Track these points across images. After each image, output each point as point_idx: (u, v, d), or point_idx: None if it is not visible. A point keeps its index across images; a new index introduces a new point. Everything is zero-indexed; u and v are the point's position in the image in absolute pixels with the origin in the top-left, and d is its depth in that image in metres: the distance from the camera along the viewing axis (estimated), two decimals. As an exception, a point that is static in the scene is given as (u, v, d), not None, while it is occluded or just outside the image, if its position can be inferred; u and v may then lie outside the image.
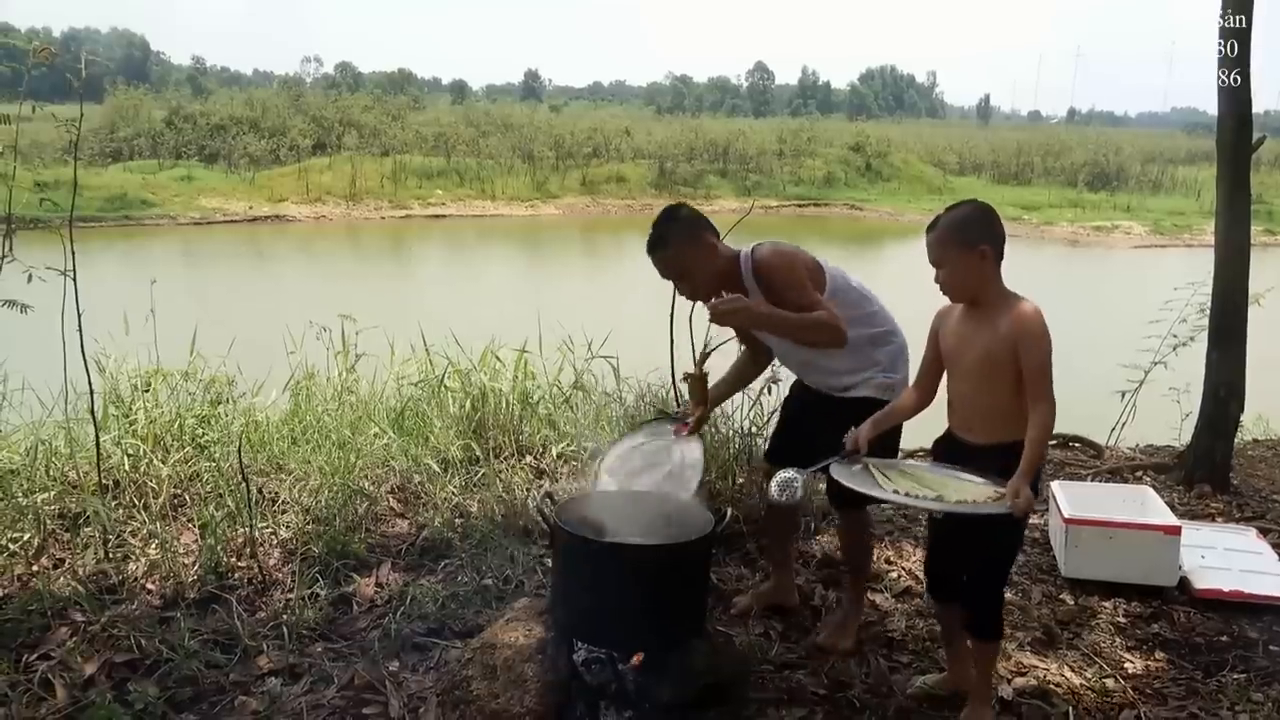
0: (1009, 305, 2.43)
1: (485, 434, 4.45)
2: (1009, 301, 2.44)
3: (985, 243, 2.43)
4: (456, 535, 3.62)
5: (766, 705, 2.70)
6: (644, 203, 29.32)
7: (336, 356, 4.92)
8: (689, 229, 2.90)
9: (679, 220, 2.91)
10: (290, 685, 2.71)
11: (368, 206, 26.31)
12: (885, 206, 29.99)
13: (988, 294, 2.47)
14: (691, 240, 2.89)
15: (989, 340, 2.44)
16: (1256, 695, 2.83)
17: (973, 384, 2.51)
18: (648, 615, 2.52)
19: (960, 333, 2.54)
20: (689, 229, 2.90)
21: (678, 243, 2.88)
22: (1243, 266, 4.58)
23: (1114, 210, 27.84)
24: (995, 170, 36.12)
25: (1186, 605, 3.40)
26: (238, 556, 3.38)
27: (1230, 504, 4.49)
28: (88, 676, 2.67)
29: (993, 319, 2.44)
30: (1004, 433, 2.44)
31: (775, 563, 3.34)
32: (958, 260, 2.45)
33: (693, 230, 2.90)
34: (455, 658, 2.70)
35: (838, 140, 35.83)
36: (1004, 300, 2.45)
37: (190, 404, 4.31)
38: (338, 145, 29.70)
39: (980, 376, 2.48)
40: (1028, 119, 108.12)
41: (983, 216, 2.48)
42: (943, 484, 2.47)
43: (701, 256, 2.90)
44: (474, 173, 29.02)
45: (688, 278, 2.93)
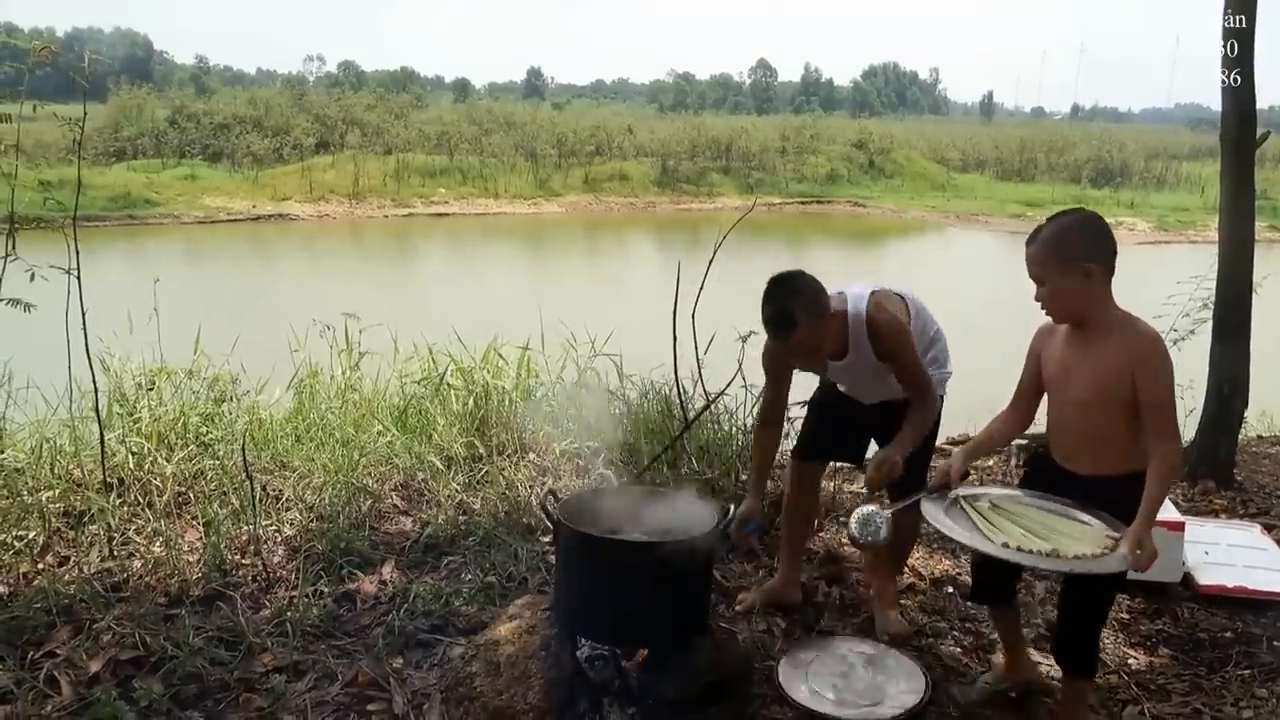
0: (1123, 328, 2.23)
1: (488, 431, 4.46)
2: (1123, 323, 2.24)
3: (1092, 260, 2.21)
4: (460, 532, 3.63)
5: (770, 701, 2.70)
6: (647, 200, 29.33)
7: (340, 355, 4.92)
8: (814, 304, 2.67)
9: (801, 294, 2.66)
10: (294, 682, 2.71)
11: (371, 205, 26.33)
12: (888, 203, 29.96)
13: (1095, 315, 2.26)
14: (819, 317, 2.68)
15: (1099, 367, 2.24)
16: (1261, 691, 2.83)
17: (1079, 413, 2.32)
18: (651, 612, 2.52)
19: (1065, 357, 2.34)
20: (814, 304, 2.67)
21: (806, 322, 2.64)
22: (1247, 262, 4.57)
23: (1117, 207, 27.78)
24: (998, 167, 36.06)
25: (1190, 601, 3.40)
26: (242, 554, 3.39)
27: (1234, 500, 4.48)
28: (93, 674, 2.67)
29: (1103, 343, 2.24)
30: (1113, 465, 2.27)
31: (785, 558, 3.34)
32: (1060, 280, 2.23)
33: (818, 304, 2.68)
34: (459, 655, 2.71)
35: (840, 137, 35.80)
36: (1116, 322, 2.24)
37: (194, 402, 4.32)
38: (341, 144, 29.72)
39: (1088, 406, 2.28)
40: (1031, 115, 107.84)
41: (1089, 229, 2.25)
42: (1049, 526, 2.28)
43: (827, 331, 2.73)
44: (477, 171, 29.03)
45: (812, 355, 2.78)
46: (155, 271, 5.04)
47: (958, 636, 3.15)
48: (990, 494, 2.52)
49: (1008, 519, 2.35)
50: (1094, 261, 2.22)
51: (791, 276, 2.71)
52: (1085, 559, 2.15)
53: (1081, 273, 2.22)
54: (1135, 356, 2.20)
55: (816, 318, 2.67)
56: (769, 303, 2.67)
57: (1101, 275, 2.23)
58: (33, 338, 3.72)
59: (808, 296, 2.67)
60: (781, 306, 2.64)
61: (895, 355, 2.82)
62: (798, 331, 2.64)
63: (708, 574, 2.75)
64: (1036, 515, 2.36)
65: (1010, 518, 2.36)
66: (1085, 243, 2.24)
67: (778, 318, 2.64)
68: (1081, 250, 2.23)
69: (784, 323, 2.64)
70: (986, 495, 2.50)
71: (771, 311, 2.66)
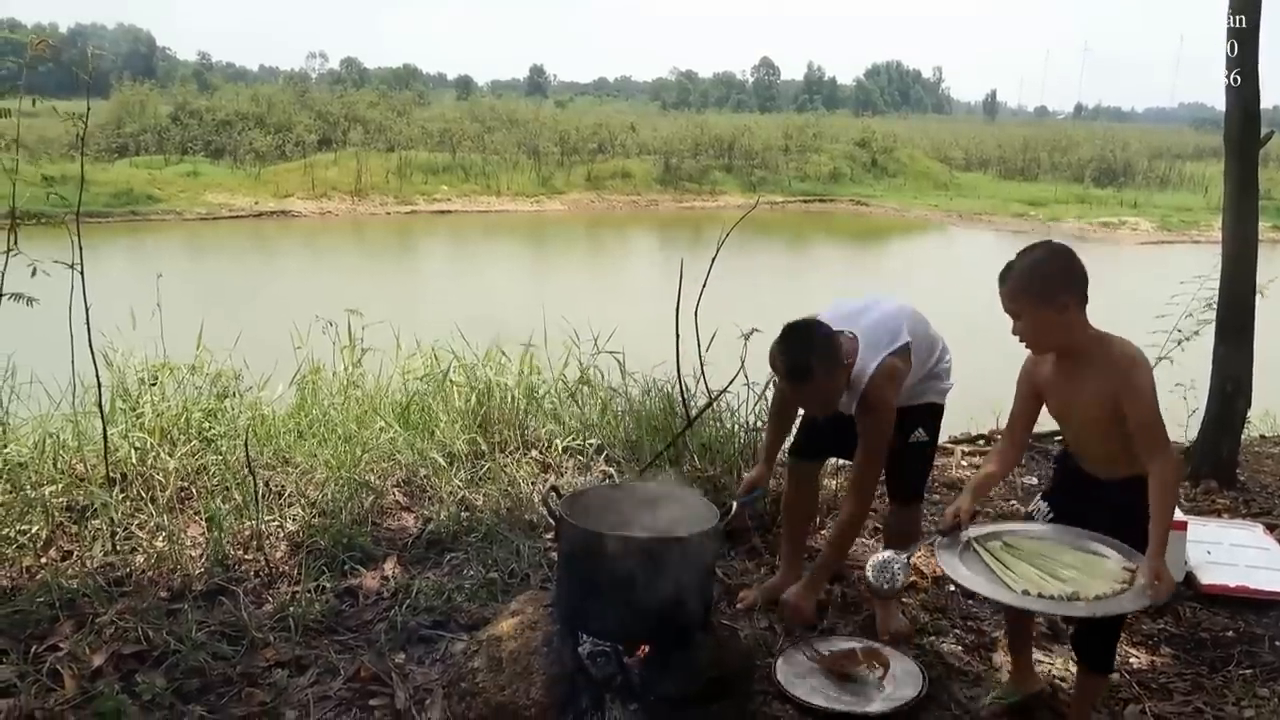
0: (1102, 351, 2.28)
1: (491, 428, 4.46)
2: (1101, 346, 2.29)
3: (1067, 293, 2.25)
4: (462, 529, 3.63)
5: (771, 698, 2.70)
6: (649, 198, 29.31)
7: (342, 351, 4.93)
8: (831, 356, 2.72)
9: (819, 349, 2.70)
10: (297, 677, 2.72)
11: (373, 202, 26.34)
12: (891, 202, 29.93)
13: (1074, 343, 2.31)
14: (834, 369, 2.73)
15: (1092, 393, 2.29)
16: (1262, 690, 2.83)
17: (1088, 434, 2.39)
18: (653, 609, 2.52)
19: (1059, 386, 2.39)
20: (831, 356, 2.72)
21: (823, 374, 2.70)
22: (1250, 262, 4.56)
23: (1121, 206, 27.75)
24: (1001, 166, 36.00)
25: (1192, 601, 3.39)
26: (244, 549, 3.39)
27: (1237, 500, 4.48)
28: (96, 667, 2.68)
29: (1088, 368, 2.29)
30: (1129, 469, 2.30)
31: (786, 556, 3.35)
32: (1036, 315, 2.27)
33: (834, 356, 2.73)
34: (461, 650, 2.71)
35: (843, 136, 35.76)
36: (1095, 345, 2.29)
37: (197, 398, 4.32)
38: (343, 141, 29.71)
39: (1094, 426, 2.34)
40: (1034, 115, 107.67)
41: (1060, 262, 2.29)
42: (1066, 564, 2.27)
43: (839, 383, 2.78)
44: (479, 169, 29.02)
45: (824, 404, 2.83)
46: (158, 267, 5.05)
47: (959, 634, 3.15)
48: (1002, 531, 2.49)
49: (1023, 559, 2.32)
50: (1069, 294, 2.26)
51: (809, 327, 2.75)
52: (1106, 599, 2.15)
53: (1058, 306, 2.26)
54: (1117, 381, 2.24)
55: (832, 370, 2.73)
56: (785, 354, 2.71)
57: (1076, 305, 2.27)
58: (36, 333, 3.73)
59: (825, 349, 2.71)
60: (798, 359, 2.69)
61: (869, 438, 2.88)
62: (813, 382, 2.71)
63: (710, 571, 2.75)
64: (1052, 551, 2.34)
65: (1025, 558, 2.32)
66: (1058, 276, 2.28)
67: (794, 369, 2.70)
68: (1056, 284, 2.27)
69: (797, 373, 2.71)
70: (998, 534, 2.47)
71: (788, 363, 2.71)
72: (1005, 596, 2.20)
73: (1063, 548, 2.35)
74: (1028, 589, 2.19)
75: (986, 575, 2.28)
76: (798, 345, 2.71)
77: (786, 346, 2.71)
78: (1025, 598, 2.17)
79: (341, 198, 26.24)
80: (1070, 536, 2.39)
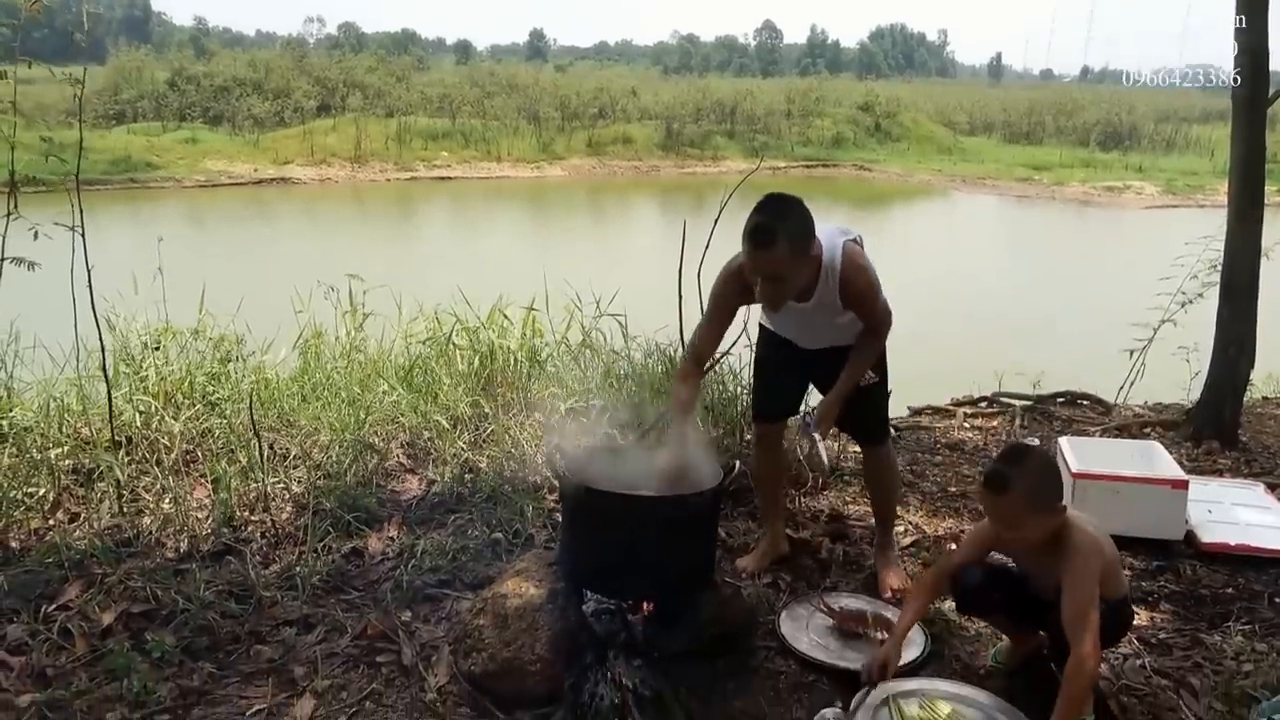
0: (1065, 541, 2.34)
1: (494, 391, 4.47)
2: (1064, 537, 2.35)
3: (1058, 498, 2.34)
4: (466, 490, 3.65)
5: (774, 653, 2.73)
6: (650, 164, 29.13)
7: (344, 316, 4.93)
8: (802, 234, 2.62)
9: (793, 220, 2.60)
10: (304, 635, 2.75)
11: (373, 169, 26.21)
12: (894, 167, 29.74)
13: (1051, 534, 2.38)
14: (801, 248, 2.62)
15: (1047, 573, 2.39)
16: (1261, 646, 2.85)
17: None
18: (656, 566, 2.54)
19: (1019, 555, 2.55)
20: (802, 234, 2.62)
21: (787, 246, 2.57)
22: (1256, 223, 4.53)
23: (1126, 170, 27.56)
24: (1006, 130, 35.74)
25: (1193, 559, 3.41)
26: (250, 511, 3.41)
27: (1238, 460, 4.49)
28: (105, 626, 2.71)
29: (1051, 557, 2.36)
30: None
31: (767, 517, 3.36)
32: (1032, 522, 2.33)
33: (804, 235, 2.63)
34: (467, 608, 2.74)
35: (847, 100, 35.45)
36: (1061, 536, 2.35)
37: (200, 362, 4.33)
38: (342, 107, 29.52)
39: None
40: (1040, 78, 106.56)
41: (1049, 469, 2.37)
42: None
43: (802, 266, 2.67)
44: (479, 134, 28.83)
45: (779, 284, 2.65)
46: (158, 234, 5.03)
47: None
48: (925, 691, 2.52)
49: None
50: (1060, 499, 2.35)
51: (790, 201, 2.63)
52: None
53: (1050, 512, 2.33)
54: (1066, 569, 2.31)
55: (799, 248, 2.61)
56: (760, 214, 2.58)
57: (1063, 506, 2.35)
58: (38, 298, 3.72)
59: (795, 225, 2.60)
60: (770, 223, 2.56)
61: (864, 305, 2.83)
62: (776, 250, 2.55)
63: (712, 528, 2.77)
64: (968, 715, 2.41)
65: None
66: (1053, 487, 2.34)
67: (762, 232, 2.55)
68: (1052, 494, 2.33)
69: (762, 237, 2.55)
70: (920, 694, 2.50)
71: (759, 223, 2.56)
72: None
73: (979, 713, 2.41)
74: None
75: None
76: (775, 210, 2.59)
77: (762, 209, 2.59)
78: None
79: (341, 164, 26.11)
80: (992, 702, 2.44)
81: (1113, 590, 2.43)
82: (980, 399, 5.52)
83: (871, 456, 3.24)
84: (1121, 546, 3.40)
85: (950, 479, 4.20)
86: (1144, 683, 2.65)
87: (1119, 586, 2.48)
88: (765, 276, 2.62)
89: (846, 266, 2.76)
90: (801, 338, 3.05)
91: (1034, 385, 5.63)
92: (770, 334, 3.17)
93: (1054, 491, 2.35)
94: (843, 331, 2.94)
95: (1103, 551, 2.35)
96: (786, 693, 2.57)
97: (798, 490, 3.86)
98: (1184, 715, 2.50)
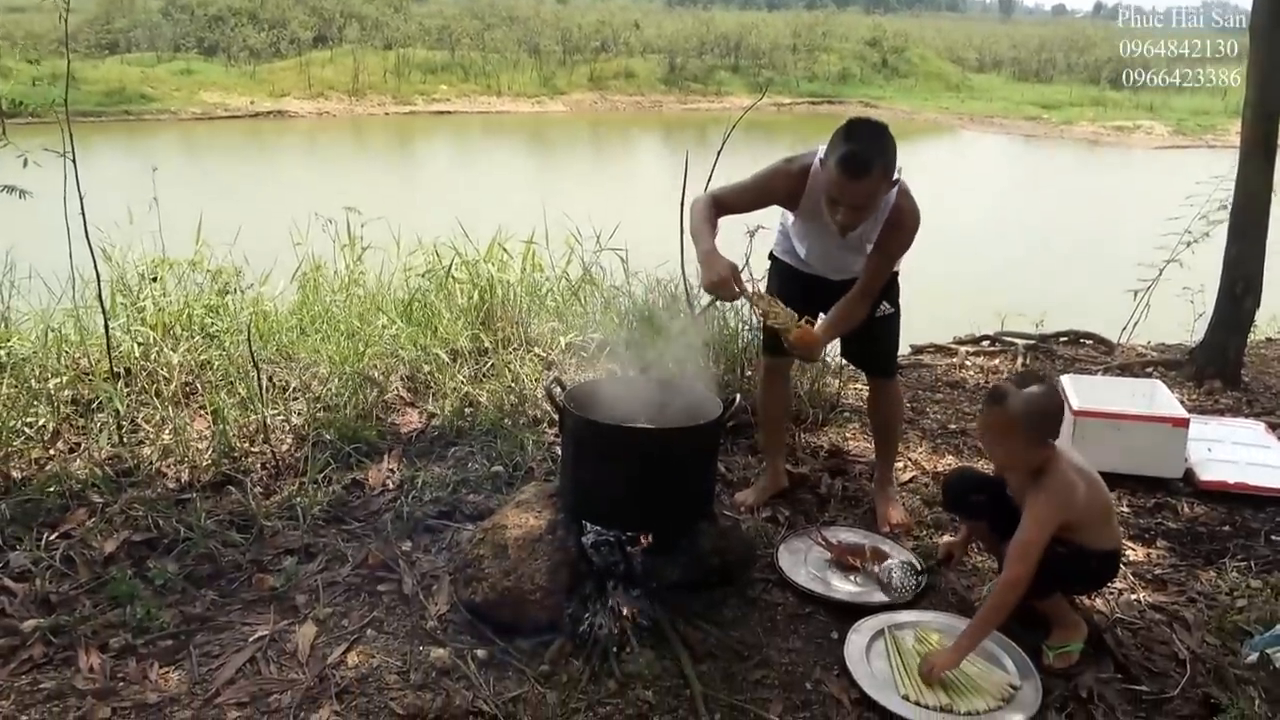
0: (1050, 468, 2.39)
1: (493, 325, 4.44)
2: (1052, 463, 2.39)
3: (1048, 434, 2.37)
4: (466, 424, 3.65)
5: (772, 585, 2.75)
6: (653, 99, 28.66)
7: (343, 249, 4.88)
8: (892, 167, 2.61)
9: (889, 152, 2.58)
10: (306, 564, 2.76)
11: (371, 102, 25.79)
12: (901, 104, 29.21)
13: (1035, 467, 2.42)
14: (890, 180, 2.63)
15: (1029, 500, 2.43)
16: (1255, 582, 2.87)
17: None
18: (655, 499, 2.55)
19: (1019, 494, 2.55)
20: (892, 167, 2.61)
21: (882, 178, 2.57)
22: (1268, 159, 4.46)
23: (1136, 109, 27.07)
24: (1016, 67, 34.99)
25: (1191, 497, 3.42)
26: (250, 442, 3.41)
27: (1240, 400, 4.48)
28: (108, 554, 2.73)
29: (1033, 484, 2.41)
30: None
31: (768, 452, 3.36)
32: (1012, 444, 2.38)
33: (893, 165, 2.61)
34: (467, 539, 2.75)
35: (853, 35, 34.69)
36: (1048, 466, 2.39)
37: (198, 294, 4.30)
38: (339, 38, 28.93)
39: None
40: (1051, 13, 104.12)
41: (1050, 407, 2.39)
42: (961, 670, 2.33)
43: (881, 198, 2.65)
44: (479, 67, 28.30)
45: (863, 213, 2.63)
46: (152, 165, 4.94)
47: (958, 528, 3.19)
48: (920, 623, 2.55)
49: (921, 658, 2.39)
50: (1050, 436, 2.38)
51: (883, 131, 2.59)
52: (973, 716, 2.22)
53: (1035, 444, 2.37)
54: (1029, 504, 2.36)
55: (889, 182, 2.61)
56: (856, 141, 2.53)
57: (1052, 443, 2.39)
58: (32, 227, 3.68)
59: (892, 157, 2.59)
60: (869, 154, 2.52)
61: (891, 248, 2.78)
62: (870, 181, 2.53)
63: (711, 461, 2.77)
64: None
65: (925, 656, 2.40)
66: (1048, 421, 2.38)
67: (861, 162, 2.51)
68: (1042, 428, 2.37)
69: (863, 167, 2.51)
70: (918, 625, 2.54)
71: (857, 151, 2.51)
72: (885, 701, 2.26)
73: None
74: (908, 694, 2.28)
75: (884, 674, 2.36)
76: (877, 141, 2.56)
77: (862, 135, 2.55)
78: (903, 704, 2.25)
79: (339, 97, 25.68)
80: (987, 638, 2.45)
81: (1100, 540, 2.46)
82: (982, 337, 5.50)
83: (878, 390, 3.23)
84: (1121, 484, 3.44)
85: (951, 416, 4.20)
86: (1138, 617, 2.68)
87: (1108, 538, 2.49)
88: (850, 203, 2.59)
89: (903, 200, 2.72)
90: (827, 266, 3.00)
91: (1036, 325, 5.61)
92: (784, 267, 3.13)
93: (1046, 426, 2.37)
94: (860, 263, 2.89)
95: (1072, 503, 2.37)
96: (784, 623, 2.60)
97: (798, 426, 3.86)
98: (1177, 649, 2.52)
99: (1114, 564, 2.57)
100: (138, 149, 18.51)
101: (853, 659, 2.39)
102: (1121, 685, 2.37)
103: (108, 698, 2.20)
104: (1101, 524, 2.49)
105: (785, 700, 2.29)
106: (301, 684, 2.27)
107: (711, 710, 2.22)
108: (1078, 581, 2.53)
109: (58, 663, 2.32)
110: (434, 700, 2.21)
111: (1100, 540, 2.47)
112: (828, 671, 2.40)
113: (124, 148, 18.05)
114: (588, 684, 2.29)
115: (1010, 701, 2.27)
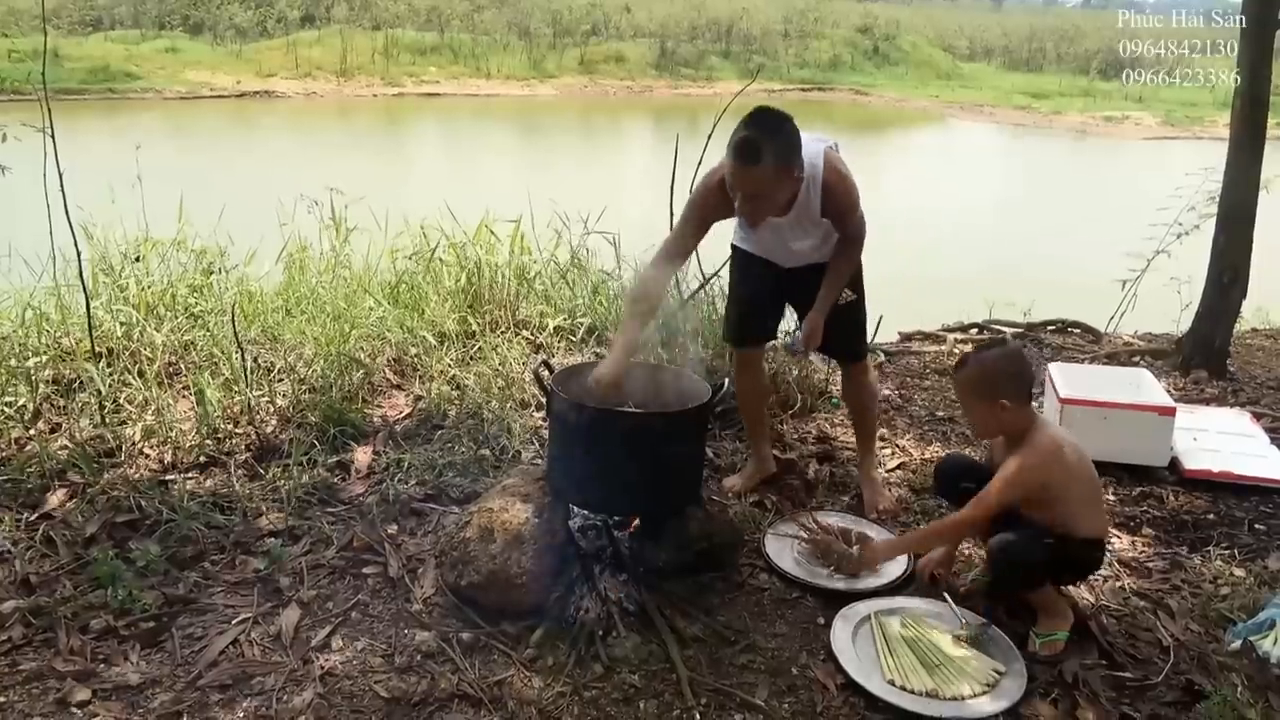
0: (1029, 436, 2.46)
1: (481, 308, 4.41)
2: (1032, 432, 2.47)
3: (1005, 396, 2.44)
4: (453, 407, 3.63)
5: (759, 570, 2.74)
6: (643, 84, 28.52)
7: (327, 230, 4.82)
8: (788, 153, 2.52)
9: (781, 137, 2.50)
10: (290, 546, 2.74)
11: (359, 83, 25.57)
12: (891, 92, 29.20)
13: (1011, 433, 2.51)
14: (787, 167, 2.53)
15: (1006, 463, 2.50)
16: (1239, 571, 2.89)
17: None
18: (642, 483, 2.54)
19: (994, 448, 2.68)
20: (788, 153, 2.52)
21: (773, 164, 2.49)
22: (1257, 150, 4.46)
23: (1125, 100, 27.13)
24: (1006, 56, 35.05)
25: (1176, 485, 3.44)
26: (235, 423, 3.38)
27: (1226, 390, 4.50)
28: (89, 535, 2.70)
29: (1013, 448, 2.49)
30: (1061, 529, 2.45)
31: (752, 440, 3.35)
32: (976, 408, 2.52)
33: (791, 154, 2.53)
34: (453, 522, 2.74)
35: (845, 21, 34.59)
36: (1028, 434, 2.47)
37: (182, 274, 4.24)
38: (327, 17, 28.64)
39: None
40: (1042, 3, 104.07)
41: (1007, 368, 2.48)
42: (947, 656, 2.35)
43: (785, 185, 2.58)
44: (468, 50, 28.09)
45: (760, 201, 2.58)
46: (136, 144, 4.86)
47: (944, 513, 3.19)
48: (907, 609, 2.55)
49: (908, 644, 2.40)
50: (1007, 397, 2.44)
51: (779, 117, 2.53)
52: (957, 701, 2.22)
53: (998, 407, 2.45)
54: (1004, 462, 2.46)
55: (785, 168, 2.53)
56: (747, 128, 2.48)
57: (1016, 406, 2.45)
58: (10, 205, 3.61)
59: (786, 143, 2.52)
60: (756, 139, 2.47)
61: (844, 214, 2.77)
62: (760, 168, 2.48)
63: (699, 446, 2.76)
64: (940, 639, 2.42)
65: (910, 642, 2.41)
66: (1004, 380, 2.46)
67: (748, 147, 2.46)
68: (998, 388, 2.45)
69: (748, 153, 2.46)
70: (904, 612, 2.53)
71: (745, 137, 2.47)
72: (869, 685, 2.26)
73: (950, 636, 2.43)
74: (894, 679, 2.28)
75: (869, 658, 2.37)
76: (763, 125, 2.50)
77: (751, 123, 2.49)
78: (888, 688, 2.25)
79: (327, 78, 25.45)
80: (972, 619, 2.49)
81: (1085, 526, 2.47)
82: (970, 325, 5.50)
83: (850, 374, 3.22)
84: (1107, 472, 3.45)
85: (938, 403, 4.20)
86: (1122, 604, 2.68)
87: (1093, 525, 2.49)
88: (746, 194, 2.55)
89: (829, 174, 2.68)
90: (777, 253, 2.96)
91: (1025, 314, 5.61)
92: (744, 255, 3.07)
93: (1008, 386, 2.45)
94: (818, 247, 2.87)
95: (1051, 467, 2.43)
96: (770, 608, 2.60)
97: (785, 412, 3.85)
98: (1161, 635, 2.53)
99: (1100, 552, 2.57)
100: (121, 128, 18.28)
101: (838, 644, 2.40)
102: (1106, 671, 2.38)
103: (88, 679, 2.18)
104: (1090, 502, 2.50)
105: (771, 685, 2.29)
106: (285, 667, 2.25)
107: (698, 695, 2.22)
108: (1065, 570, 2.53)
109: (37, 644, 2.30)
110: (419, 684, 2.20)
111: (1088, 526, 2.47)
112: (814, 656, 2.40)
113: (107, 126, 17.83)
114: (573, 668, 2.28)
115: (995, 687, 2.28)
